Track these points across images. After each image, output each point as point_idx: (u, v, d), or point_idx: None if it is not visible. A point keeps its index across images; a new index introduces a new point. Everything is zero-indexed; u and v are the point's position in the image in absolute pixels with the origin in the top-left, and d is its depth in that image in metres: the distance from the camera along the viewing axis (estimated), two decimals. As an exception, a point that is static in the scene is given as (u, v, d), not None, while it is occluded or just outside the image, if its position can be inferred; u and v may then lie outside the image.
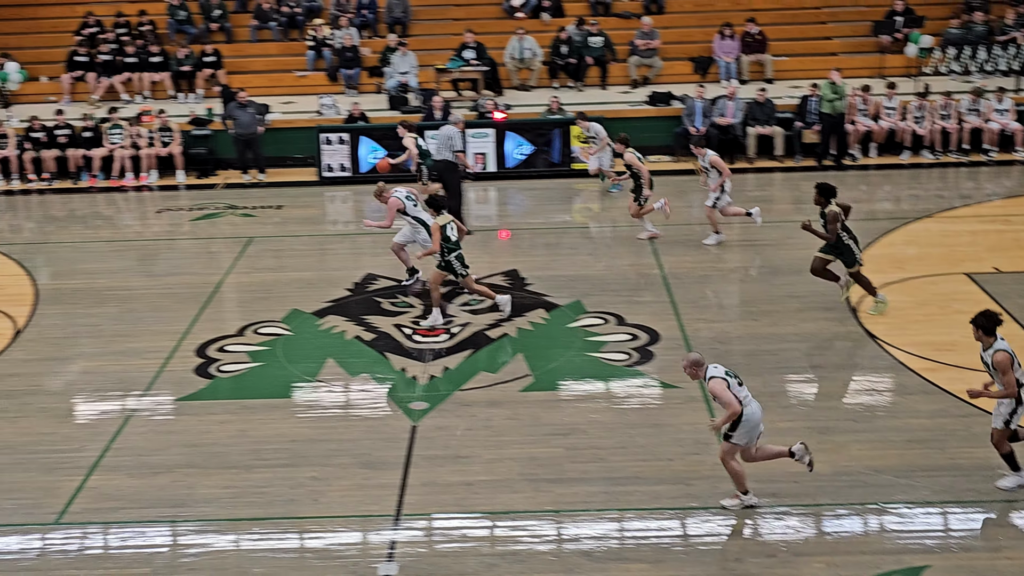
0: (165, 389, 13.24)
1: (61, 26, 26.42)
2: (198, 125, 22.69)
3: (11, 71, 24.01)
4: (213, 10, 25.70)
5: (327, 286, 16.27)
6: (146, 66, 24.70)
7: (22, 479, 11.34)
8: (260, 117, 21.54)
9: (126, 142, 22.04)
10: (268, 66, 25.29)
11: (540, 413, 12.25)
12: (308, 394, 13.05)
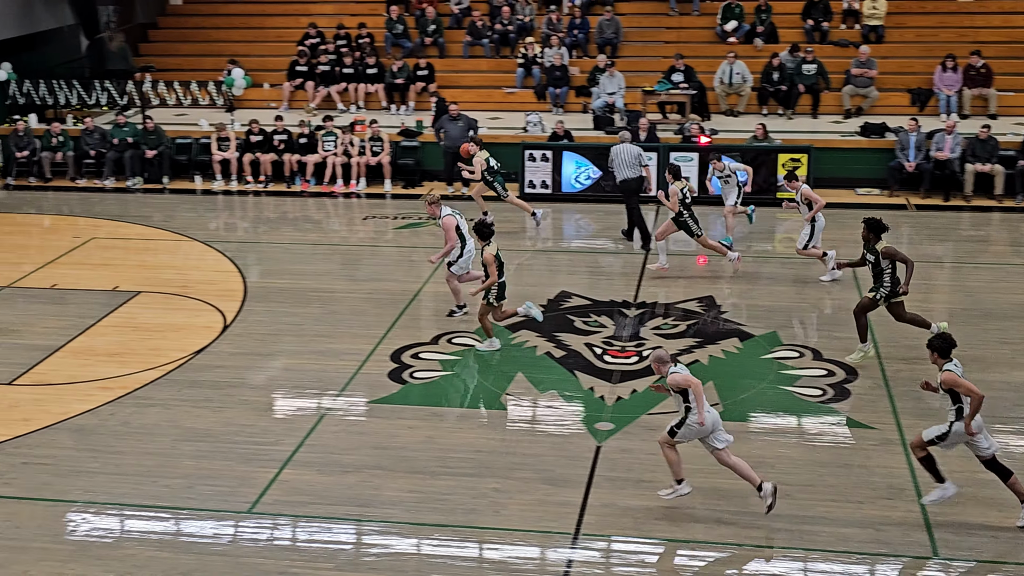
0: (359, 391, 13.58)
1: (285, 36, 27.50)
2: (408, 137, 23.24)
3: (237, 77, 25.10)
4: (429, 25, 26.31)
5: (521, 301, 16.37)
6: (362, 77, 25.47)
7: (221, 467, 11.80)
8: (469, 131, 21.90)
9: (339, 150, 22.75)
10: (478, 82, 25.72)
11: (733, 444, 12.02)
12: (496, 406, 13.16)
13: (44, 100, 25.14)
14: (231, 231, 20.67)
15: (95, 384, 13.92)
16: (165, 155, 23.35)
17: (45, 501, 11.21)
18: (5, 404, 13.43)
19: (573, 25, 26.04)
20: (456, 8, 27.11)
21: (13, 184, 23.44)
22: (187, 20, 28.79)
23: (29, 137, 23.73)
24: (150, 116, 23.68)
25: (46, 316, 16.17)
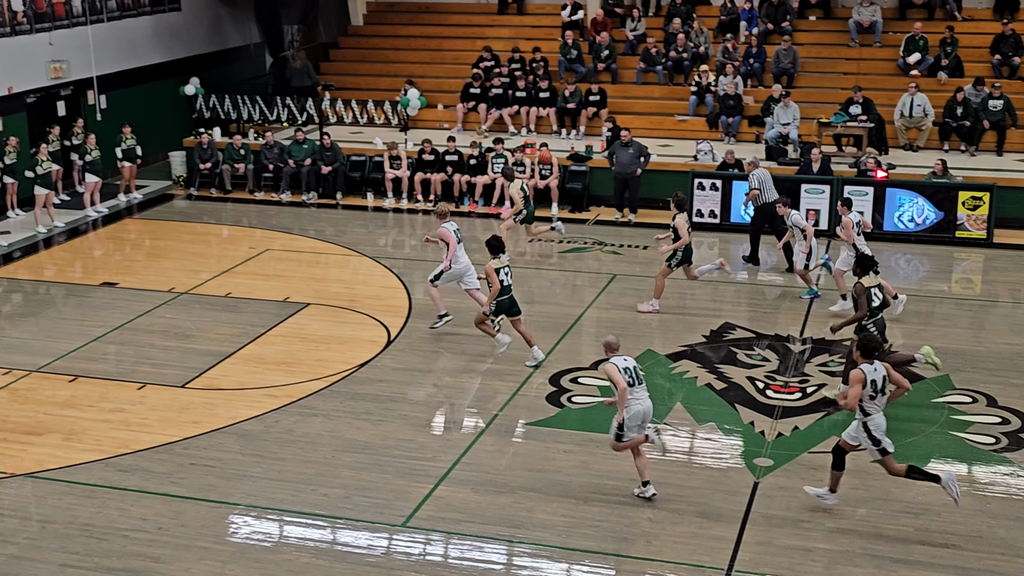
0: (517, 412, 13.62)
1: (461, 58, 27.93)
2: (577, 161, 23.29)
3: (412, 97, 25.59)
4: (602, 51, 26.35)
5: (684, 330, 16.22)
6: (534, 101, 25.66)
7: (378, 479, 11.98)
8: (640, 158, 21.82)
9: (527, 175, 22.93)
10: (650, 108, 25.62)
11: (891, 487, 11.64)
12: (653, 435, 13.00)
13: (228, 115, 26.09)
14: (399, 248, 21.04)
15: (262, 391, 14.32)
16: (340, 171, 23.93)
17: (210, 502, 11.56)
18: (177, 406, 13.92)
19: (749, 54, 25.73)
20: (631, 34, 27.10)
21: (195, 194, 24.36)
22: (367, 41, 29.51)
23: (212, 150, 24.66)
24: (327, 133, 24.32)
25: (220, 323, 16.72)
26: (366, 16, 30.15)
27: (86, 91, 25.07)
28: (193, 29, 28.29)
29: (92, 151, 23.04)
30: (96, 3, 25.11)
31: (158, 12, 27.07)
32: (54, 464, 12.44)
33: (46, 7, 23.75)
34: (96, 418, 13.60)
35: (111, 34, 25.59)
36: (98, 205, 23.21)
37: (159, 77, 26.88)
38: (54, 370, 15.04)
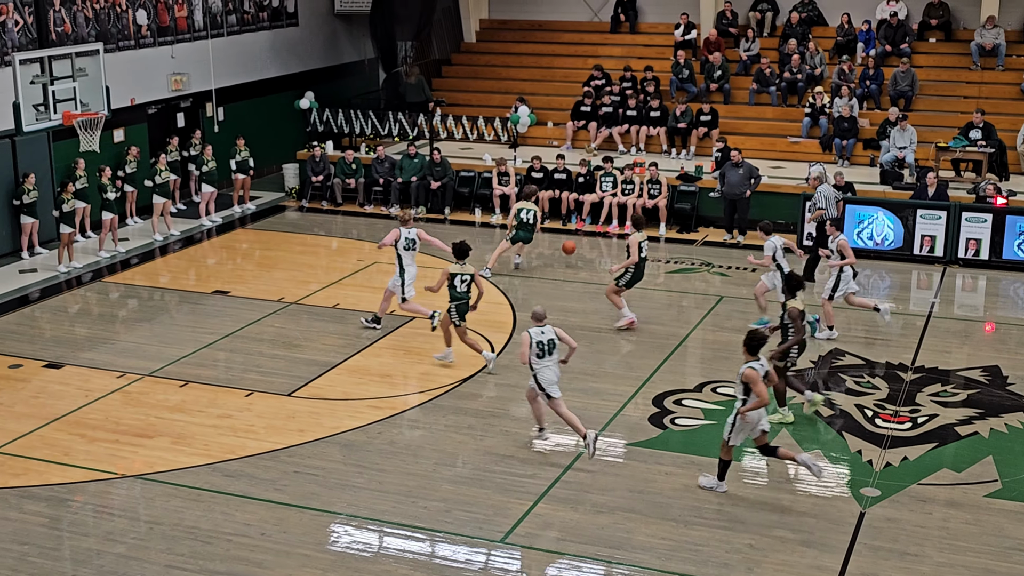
0: (619, 432, 13.54)
1: (572, 76, 27.96)
2: (686, 181, 23.13)
3: (522, 115, 25.69)
4: (715, 71, 26.15)
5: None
6: (644, 120, 25.57)
7: (478, 494, 12.00)
8: (750, 179, 21.59)
9: (616, 190, 22.88)
10: (762, 129, 25.35)
11: (1005, 524, 11.30)
12: (756, 460, 12.83)
13: (341, 128, 26.48)
14: (504, 265, 21.09)
15: (366, 402, 14.46)
16: (449, 187, 24.11)
17: (312, 510, 11.69)
18: (283, 414, 14.12)
19: (866, 75, 25.30)
20: (744, 55, 26.86)
21: (307, 207, 24.75)
22: (479, 58, 29.73)
23: (324, 163, 25.04)
24: (438, 148, 24.53)
25: (327, 333, 16.94)
26: (479, 33, 30.39)
27: (205, 103, 25.68)
28: (309, 44, 28.80)
29: (208, 162, 23.57)
30: (217, 18, 25.73)
31: (276, 27, 27.63)
32: (163, 467, 12.71)
33: (169, 21, 24.40)
34: (204, 423, 13.86)
35: (230, 48, 26.19)
36: (213, 215, 23.73)
37: (275, 91, 27.42)
38: (166, 375, 15.39)
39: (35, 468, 12.69)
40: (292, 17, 28.18)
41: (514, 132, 25.66)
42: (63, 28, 21.70)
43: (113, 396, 14.71)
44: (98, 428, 13.74)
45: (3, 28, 20.46)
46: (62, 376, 15.43)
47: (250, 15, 26.80)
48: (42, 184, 20.88)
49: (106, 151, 21.70)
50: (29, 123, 17.55)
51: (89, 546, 11.07)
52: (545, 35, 29.73)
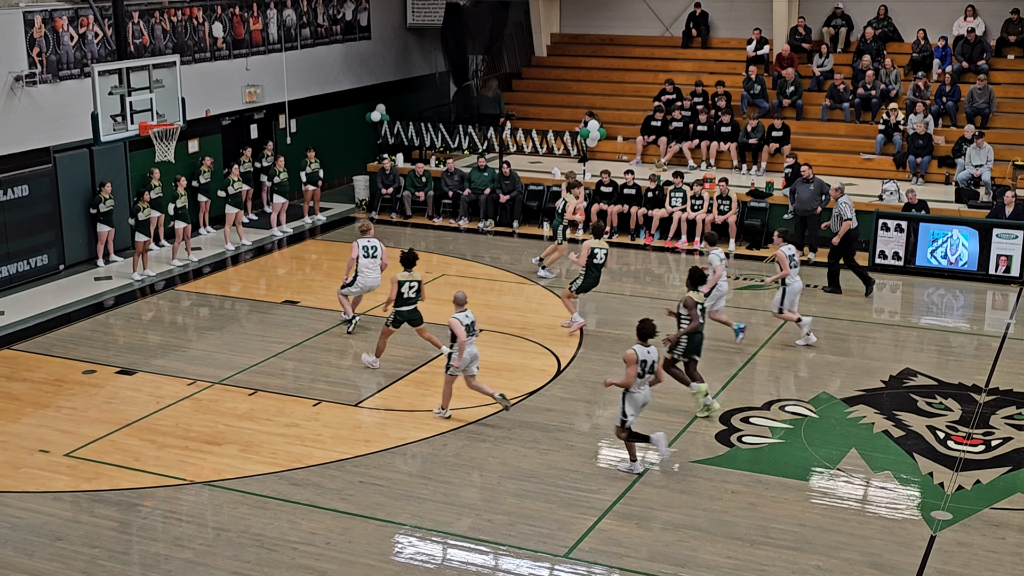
0: (685, 448, 13.44)
1: (642, 91, 27.90)
2: (756, 197, 22.96)
3: (592, 129, 25.66)
4: (787, 87, 25.95)
5: (862, 374, 15.77)
6: (715, 135, 25.43)
7: (542, 508, 11.97)
8: (821, 196, 21.36)
9: (685, 206, 22.77)
10: (835, 146, 25.08)
11: (1080, 550, 11.04)
12: (825, 481, 12.68)
13: (411, 141, 26.65)
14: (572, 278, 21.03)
15: (432, 414, 14.49)
16: (518, 200, 24.15)
17: (376, 520, 11.75)
18: (350, 424, 14.22)
19: (942, 92, 24.95)
20: (817, 70, 26.62)
21: (376, 218, 24.92)
22: (550, 72, 29.77)
23: (395, 175, 25.20)
24: (507, 162, 24.59)
25: (395, 345, 17.00)
26: (550, 47, 30.44)
27: (278, 115, 25.99)
28: (381, 57, 29.05)
29: (280, 173, 23.84)
30: (291, 31, 26.04)
31: (349, 40, 27.90)
32: (231, 474, 12.84)
33: (244, 34, 24.74)
34: (272, 432, 13.99)
35: (304, 61, 26.49)
36: (284, 225, 23.99)
37: (347, 103, 27.69)
38: (235, 383, 15.56)
39: (107, 473, 12.90)
40: (365, 31, 28.44)
41: (583, 146, 25.64)
42: (141, 40, 22.10)
43: (183, 403, 14.91)
44: (168, 434, 13.93)
45: (83, 40, 20.88)
46: (134, 382, 15.66)
47: (324, 28, 27.09)
48: (118, 193, 21.25)
49: (181, 161, 22.04)
50: (107, 133, 17.85)
51: (157, 551, 11.22)
52: (616, 49, 29.71)
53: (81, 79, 20.50)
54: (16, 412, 14.64)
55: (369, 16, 28.53)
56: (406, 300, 15.69)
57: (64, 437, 13.83)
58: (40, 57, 20.06)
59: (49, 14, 20.19)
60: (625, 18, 29.82)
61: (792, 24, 27.42)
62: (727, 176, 23.57)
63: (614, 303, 19.14)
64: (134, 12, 21.82)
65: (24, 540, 11.38)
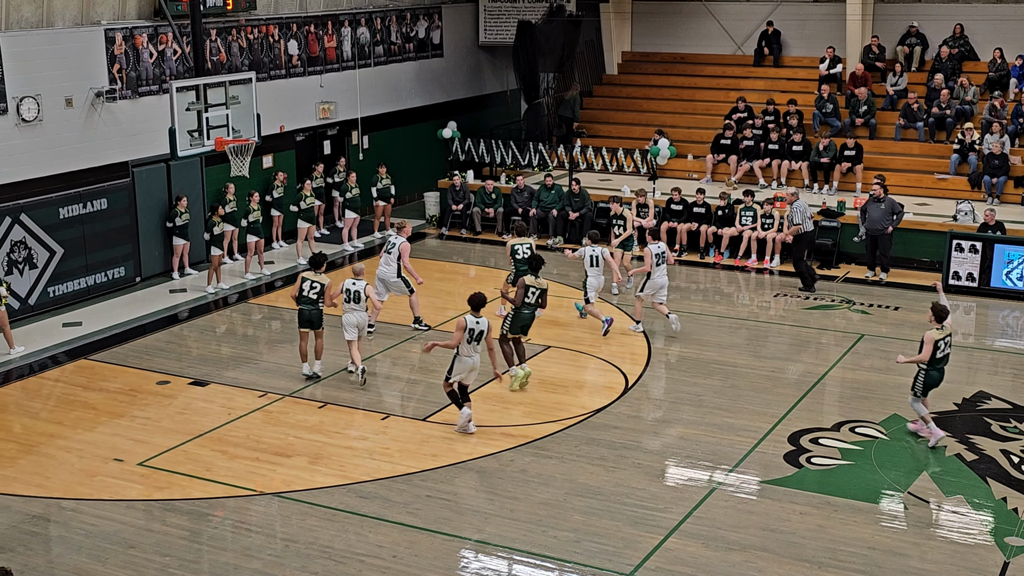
0: (753, 469, 13.36)
1: (713, 109, 27.81)
2: (828, 217, 22.75)
3: (662, 147, 25.62)
4: (860, 106, 25.72)
5: (934, 396, 15.51)
6: (786, 154, 25.26)
7: (608, 526, 11.96)
8: (893, 216, 21.14)
9: (756, 224, 22.64)
10: (908, 165, 24.80)
11: None
12: (895, 504, 12.53)
13: (482, 158, 26.80)
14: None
15: (500, 430, 14.55)
16: (587, 218, 24.16)
17: (442, 535, 11.81)
18: (418, 439, 14.31)
19: (1018, 112, 24.55)
20: (891, 89, 26.35)
21: (446, 234, 25.08)
22: (620, 90, 29.78)
23: (465, 191, 25.35)
24: (577, 179, 24.63)
25: (462, 360, 17.10)
26: (621, 65, 30.47)
27: (350, 131, 26.28)
28: (453, 75, 29.27)
29: (352, 189, 24.10)
30: (365, 49, 26.34)
31: (422, 58, 28.15)
32: (300, 486, 12.99)
33: (319, 51, 25.07)
34: (341, 444, 14.13)
35: (377, 78, 26.77)
36: (355, 240, 24.23)
37: (419, 120, 27.92)
38: (305, 396, 15.75)
39: (179, 482, 13.11)
40: (437, 48, 28.68)
41: (653, 164, 25.61)
42: (218, 57, 22.49)
43: (254, 415, 15.11)
44: (239, 445, 14.13)
45: (162, 57, 21.30)
46: (207, 394, 15.91)
47: (397, 46, 27.37)
48: (194, 207, 21.62)
49: (255, 176, 22.37)
50: (184, 148, 18.16)
51: (227, 560, 11.37)
52: (687, 67, 29.65)
53: (159, 95, 20.92)
54: (92, 421, 14.95)
55: (442, 34, 28.77)
56: (304, 299, 16.24)
57: (138, 446, 14.09)
58: (120, 73, 20.51)
59: (130, 31, 20.64)
60: (696, 37, 29.78)
61: (866, 43, 27.18)
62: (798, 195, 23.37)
63: (683, 322, 19.05)
64: (212, 30, 22.22)
65: (97, 547, 11.61)
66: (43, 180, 19.35)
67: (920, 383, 13.98)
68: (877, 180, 21.65)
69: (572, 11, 28.87)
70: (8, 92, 18.61)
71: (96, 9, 20.27)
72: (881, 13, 27.42)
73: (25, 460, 13.77)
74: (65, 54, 19.55)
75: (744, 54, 29.40)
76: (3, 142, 18.64)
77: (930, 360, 13.82)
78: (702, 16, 29.60)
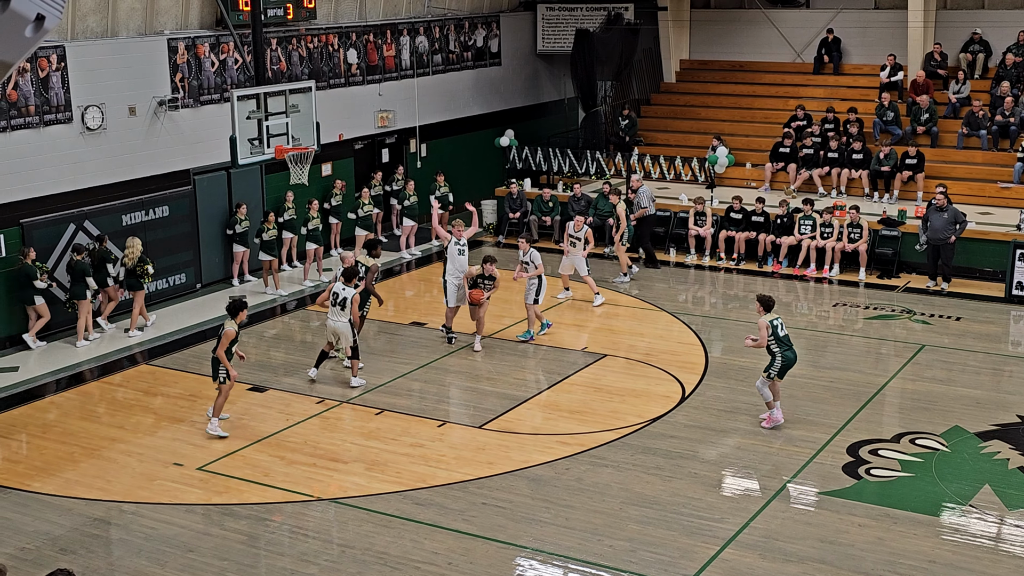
0: (811, 480, 13.24)
1: (772, 117, 27.63)
2: (888, 226, 22.51)
3: (720, 155, 25.50)
4: (922, 114, 25.43)
5: (996, 408, 15.33)
6: (846, 162, 25.02)
7: (664, 536, 11.91)
8: (955, 225, 20.86)
9: (815, 233, 22.45)
10: (971, 174, 24.47)
11: None
12: (956, 517, 12.35)
13: (539, 166, 26.83)
14: (698, 305, 20.93)
15: (555, 438, 14.54)
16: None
17: (498, 542, 11.82)
18: (474, 446, 14.34)
19: (1084, 120, 24.18)
20: (954, 97, 26.03)
21: (503, 242, 25.11)
22: (678, 98, 29.68)
23: (522, 200, 25.38)
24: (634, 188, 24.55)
25: (519, 368, 17.13)
26: (679, 73, 30.37)
27: (408, 139, 26.42)
28: (511, 83, 29.34)
29: (410, 196, 24.22)
30: (423, 57, 26.48)
31: (480, 66, 28.25)
32: (356, 492, 13.06)
33: (378, 60, 25.24)
34: (397, 451, 14.19)
35: (435, 87, 26.90)
36: (412, 248, 24.35)
37: (476, 128, 28.02)
38: (362, 402, 15.84)
39: (236, 487, 13.24)
40: (495, 57, 28.77)
41: (711, 172, 25.49)
42: (279, 66, 22.72)
43: (312, 421, 15.23)
44: (296, 451, 14.24)
45: (223, 66, 21.56)
46: (265, 399, 16.06)
47: (455, 55, 27.49)
48: (254, 215, 21.85)
49: (314, 184, 22.56)
50: (244, 156, 18.36)
51: (284, 565, 11.46)
52: (746, 75, 29.50)
53: (220, 104, 21.17)
54: (153, 425, 15.14)
55: (500, 42, 28.86)
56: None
57: (197, 451, 14.25)
58: (182, 82, 20.78)
59: (192, 41, 20.91)
60: (755, 44, 29.61)
61: (928, 50, 26.88)
62: (858, 204, 23.16)
63: (740, 330, 18.93)
64: (272, 39, 22.46)
65: (157, 550, 11.75)
66: (106, 187, 19.66)
67: (778, 365, 14.62)
68: (940, 189, 21.40)
69: (630, 19, 28.83)
70: (73, 101, 18.94)
71: (159, 19, 20.57)
72: (943, 20, 27.09)
73: (87, 463, 13.98)
74: (129, 63, 19.86)
75: (804, 62, 29.19)
76: (68, 150, 18.96)
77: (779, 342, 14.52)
78: (761, 24, 29.43)
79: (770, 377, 14.61)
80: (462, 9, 27.76)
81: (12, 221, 18.16)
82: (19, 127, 18.24)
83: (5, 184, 18.02)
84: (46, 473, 13.70)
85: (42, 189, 18.61)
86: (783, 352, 14.55)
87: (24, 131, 18.31)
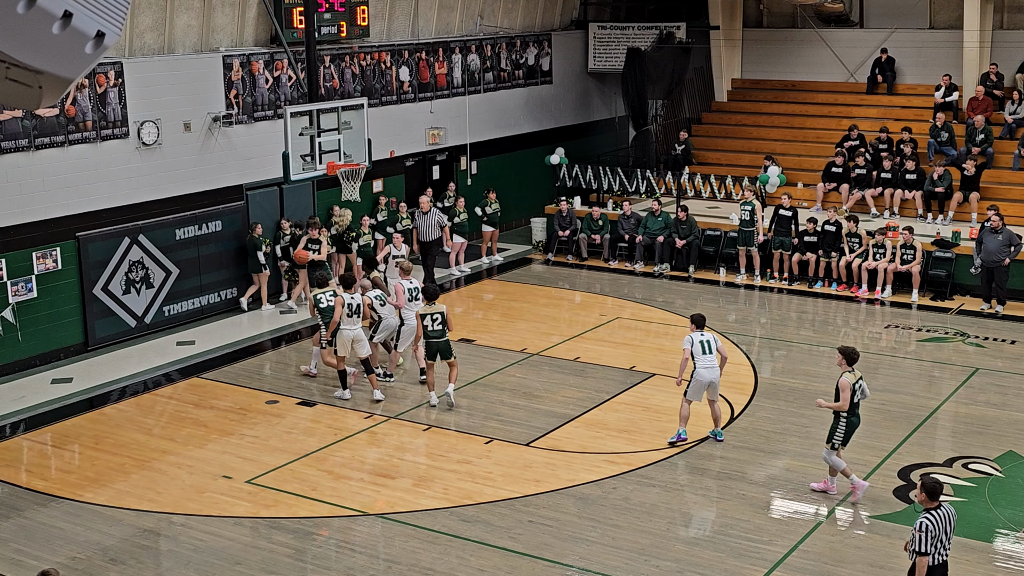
0: (861, 503, 13.09)
1: (824, 137, 27.45)
2: (942, 247, 22.27)
3: (772, 174, 25.36)
4: (977, 134, 25.16)
5: (1053, 434, 15.10)
6: (899, 183, 24.80)
7: (711, 557, 11.82)
8: (1010, 247, 20.60)
9: (861, 250, 22.24)
10: (1027, 196, 24.20)
11: None
12: (1010, 544, 12.16)
13: (589, 184, 26.82)
14: (748, 325, 20.80)
15: (603, 456, 14.49)
16: (694, 245, 24.02)
17: (544, 560, 11.79)
18: (520, 463, 14.32)
19: None
20: (1010, 117, 25.72)
21: (552, 260, 25.13)
22: (729, 117, 29.57)
23: (571, 217, 25.38)
24: (685, 207, 24.49)
25: (566, 386, 17.10)
26: (730, 92, 30.27)
27: (459, 157, 26.52)
28: (562, 101, 29.38)
29: (460, 213, 24.29)
30: (475, 75, 26.59)
31: (531, 84, 28.32)
32: (403, 507, 13.09)
33: (429, 78, 25.38)
34: (444, 467, 14.21)
35: (485, 104, 27.00)
36: (462, 264, 24.41)
37: (527, 146, 28.07)
38: (410, 418, 15.88)
39: (285, 501, 13.31)
40: (547, 75, 28.83)
41: (763, 192, 25.35)
42: (331, 83, 22.91)
43: (360, 436, 15.29)
44: (344, 466, 14.29)
45: (277, 83, 21.77)
46: (314, 414, 16.14)
47: (506, 73, 27.58)
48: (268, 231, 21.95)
49: (365, 201, 22.68)
50: (296, 172, 18.51)
51: (331, 579, 11.49)
52: (798, 95, 29.34)
53: (274, 120, 21.37)
54: (203, 438, 15.26)
55: (551, 61, 28.92)
56: (431, 333, 16.04)
57: (246, 464, 14.34)
58: (237, 99, 21.01)
59: (247, 58, 21.15)
60: (808, 64, 29.46)
61: (983, 70, 26.60)
62: (911, 225, 22.93)
63: (790, 351, 18.82)
64: (326, 56, 22.66)
65: (205, 563, 11.83)
66: (161, 202, 19.90)
67: (841, 433, 13.14)
68: (993, 210, 21.14)
69: (682, 38, 28.81)
70: (130, 116, 19.20)
71: (215, 36, 20.82)
72: (999, 40, 26.81)
73: (138, 475, 14.11)
74: (184, 80, 20.11)
75: (857, 82, 28.99)
76: (124, 165, 19.21)
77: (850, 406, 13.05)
78: (814, 43, 29.28)
79: (834, 448, 13.22)
80: (514, 27, 27.86)
81: (68, 234, 18.43)
82: (77, 142, 18.52)
83: (62, 198, 18.30)
84: (98, 484, 13.85)
85: (98, 203, 18.88)
86: (849, 417, 13.13)
87: (81, 146, 18.59)
